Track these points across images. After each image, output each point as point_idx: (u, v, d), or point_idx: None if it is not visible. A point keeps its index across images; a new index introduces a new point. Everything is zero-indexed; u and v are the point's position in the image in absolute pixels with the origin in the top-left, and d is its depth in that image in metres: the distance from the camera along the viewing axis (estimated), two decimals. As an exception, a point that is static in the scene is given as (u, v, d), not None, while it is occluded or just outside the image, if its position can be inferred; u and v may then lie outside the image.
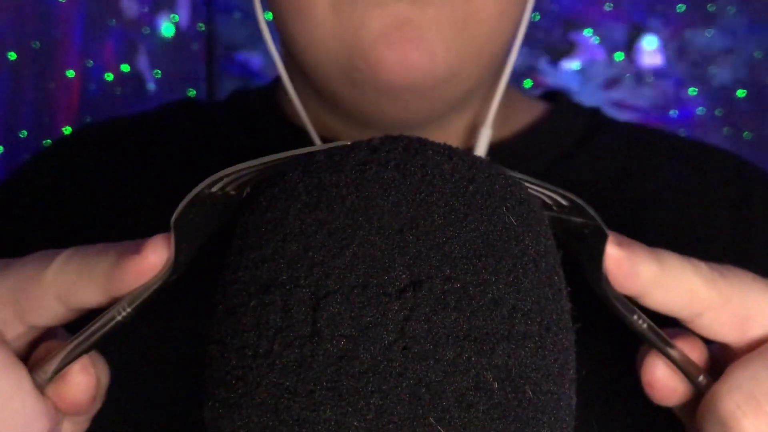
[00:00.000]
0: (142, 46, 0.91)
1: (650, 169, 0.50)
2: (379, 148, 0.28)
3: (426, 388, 0.25)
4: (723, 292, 0.31)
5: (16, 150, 0.88)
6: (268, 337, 0.25)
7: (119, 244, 0.30)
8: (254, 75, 0.94)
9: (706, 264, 0.31)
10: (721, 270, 0.31)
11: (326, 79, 0.44)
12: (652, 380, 0.31)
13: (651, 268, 0.30)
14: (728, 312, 0.31)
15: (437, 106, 0.44)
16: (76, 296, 0.30)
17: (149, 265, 0.28)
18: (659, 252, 0.31)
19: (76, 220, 0.49)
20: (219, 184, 0.30)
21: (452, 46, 0.41)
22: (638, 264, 0.30)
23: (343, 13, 0.40)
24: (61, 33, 0.88)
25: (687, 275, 0.30)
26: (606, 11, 0.92)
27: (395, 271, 0.25)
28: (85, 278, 0.29)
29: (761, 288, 0.31)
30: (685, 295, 0.30)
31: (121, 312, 0.29)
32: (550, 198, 0.31)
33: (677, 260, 0.31)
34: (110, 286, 0.29)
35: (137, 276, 0.29)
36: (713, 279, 0.31)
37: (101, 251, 0.30)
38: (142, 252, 0.28)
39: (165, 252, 0.29)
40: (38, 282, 0.30)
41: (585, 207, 0.30)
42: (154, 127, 0.54)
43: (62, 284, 0.30)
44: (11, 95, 0.87)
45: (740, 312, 0.31)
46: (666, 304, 0.31)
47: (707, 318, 0.31)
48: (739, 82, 0.91)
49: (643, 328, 0.30)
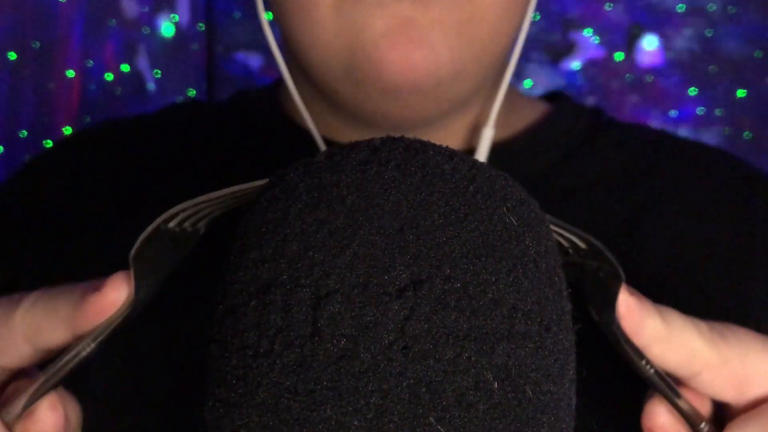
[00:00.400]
0: (142, 46, 0.91)
1: (651, 170, 0.50)
2: (380, 148, 0.28)
3: (426, 388, 0.25)
4: (722, 352, 0.31)
5: (16, 150, 0.88)
6: (268, 336, 0.25)
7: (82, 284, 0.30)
8: (254, 75, 0.94)
9: (707, 324, 0.31)
10: (722, 330, 0.32)
11: (328, 79, 0.44)
12: (654, 427, 0.31)
13: (656, 323, 0.30)
14: (727, 372, 0.31)
15: (439, 106, 0.44)
16: (44, 336, 0.30)
17: (110, 302, 0.29)
18: (664, 309, 0.31)
19: (78, 222, 0.49)
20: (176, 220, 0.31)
21: (455, 46, 0.41)
22: (645, 317, 0.30)
23: (346, 12, 0.40)
24: (61, 33, 0.88)
25: (688, 334, 0.31)
26: (606, 11, 0.92)
27: (395, 270, 0.26)
28: (51, 318, 0.30)
29: (761, 349, 0.32)
30: (685, 353, 0.31)
31: (86, 348, 0.29)
32: (567, 240, 0.31)
33: (680, 319, 0.31)
34: (75, 324, 0.30)
35: (99, 313, 0.29)
36: (713, 339, 0.31)
37: (65, 291, 0.30)
38: (103, 290, 0.29)
39: (125, 289, 0.29)
40: (7, 325, 0.31)
41: (603, 250, 0.30)
42: (155, 128, 0.54)
43: (30, 325, 0.30)
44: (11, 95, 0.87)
45: (739, 372, 0.31)
46: (666, 360, 0.31)
47: (706, 377, 0.31)
48: (739, 82, 0.91)
49: (651, 373, 0.31)
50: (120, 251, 0.47)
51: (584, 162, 0.50)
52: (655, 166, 0.50)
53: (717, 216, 0.48)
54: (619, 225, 0.47)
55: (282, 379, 0.25)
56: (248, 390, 0.26)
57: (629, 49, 0.92)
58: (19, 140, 0.88)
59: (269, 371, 0.25)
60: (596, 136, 0.51)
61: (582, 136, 0.51)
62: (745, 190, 0.49)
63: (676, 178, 0.50)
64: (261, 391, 0.25)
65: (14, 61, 0.87)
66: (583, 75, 0.92)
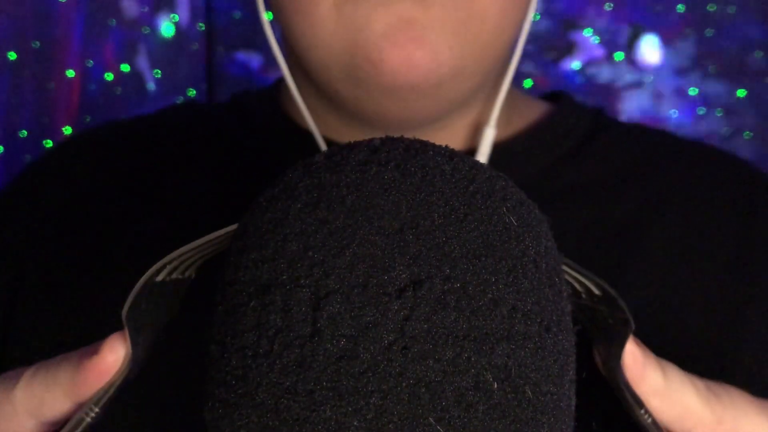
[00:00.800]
0: (142, 46, 0.91)
1: (653, 170, 0.50)
2: (380, 148, 0.28)
3: (426, 388, 0.25)
4: (716, 412, 0.31)
5: (16, 150, 0.88)
6: (268, 337, 0.25)
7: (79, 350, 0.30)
8: (254, 75, 0.94)
9: (704, 382, 0.32)
10: (717, 390, 0.32)
11: (329, 78, 0.44)
12: None
13: (657, 377, 0.31)
14: None
15: (440, 106, 0.44)
16: (46, 408, 0.30)
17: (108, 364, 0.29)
18: (665, 363, 0.32)
19: (80, 225, 0.49)
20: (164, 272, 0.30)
21: (456, 45, 0.41)
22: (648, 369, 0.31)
23: (346, 12, 0.40)
24: (61, 33, 0.88)
25: (686, 391, 0.31)
26: (606, 11, 0.92)
27: (395, 270, 0.26)
28: (52, 389, 0.30)
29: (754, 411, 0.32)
30: (680, 409, 0.31)
31: (89, 413, 0.29)
32: (581, 285, 0.31)
33: (679, 375, 0.32)
34: (75, 392, 0.30)
35: (98, 377, 0.29)
36: (708, 398, 0.32)
37: (62, 359, 0.30)
38: (100, 353, 0.29)
39: (122, 349, 0.29)
40: (9, 401, 0.31)
41: (617, 298, 0.30)
42: (156, 129, 0.54)
43: (31, 399, 0.30)
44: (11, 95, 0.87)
45: None
46: (662, 414, 0.31)
47: None
48: (739, 82, 0.91)
49: (648, 422, 0.31)
50: (121, 253, 0.47)
51: (585, 162, 0.50)
52: (656, 166, 0.50)
53: (718, 216, 0.48)
54: (620, 225, 0.47)
55: (282, 379, 0.25)
56: (248, 390, 0.26)
57: (629, 49, 0.92)
58: (19, 140, 0.88)
59: (269, 371, 0.25)
60: (597, 136, 0.51)
61: (583, 136, 0.51)
62: (746, 190, 0.49)
63: (677, 179, 0.50)
64: (261, 391, 0.25)
65: (14, 61, 0.86)
66: (583, 75, 0.92)
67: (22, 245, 0.49)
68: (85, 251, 0.48)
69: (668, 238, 0.47)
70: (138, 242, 0.48)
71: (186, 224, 0.47)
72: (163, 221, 0.48)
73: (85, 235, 0.49)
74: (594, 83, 0.93)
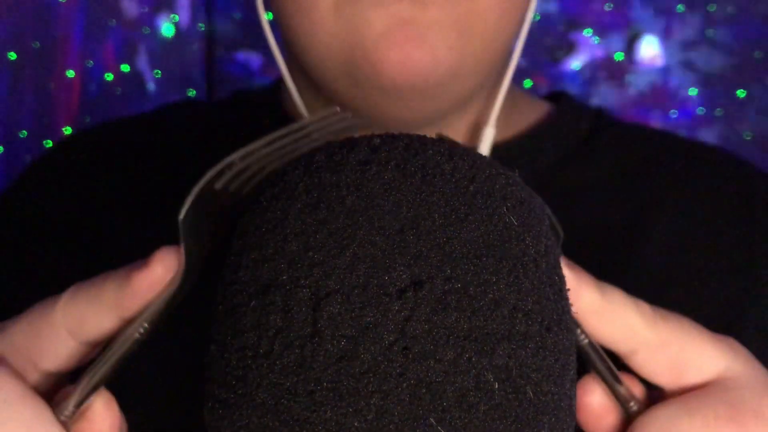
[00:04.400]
0: (142, 46, 0.91)
1: (653, 170, 0.50)
2: (380, 147, 0.28)
3: (426, 389, 0.25)
4: (661, 334, 0.31)
5: (16, 150, 0.88)
6: (268, 337, 0.25)
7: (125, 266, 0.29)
8: (254, 75, 0.94)
9: (651, 306, 0.32)
10: (664, 314, 0.32)
11: (328, 78, 0.44)
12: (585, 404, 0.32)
13: (592, 296, 0.31)
14: (664, 355, 0.32)
15: (439, 106, 0.44)
16: (89, 326, 0.29)
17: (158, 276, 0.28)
18: (605, 285, 0.31)
19: (80, 224, 0.49)
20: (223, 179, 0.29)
21: (454, 45, 0.41)
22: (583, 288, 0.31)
23: (345, 12, 0.40)
24: (61, 33, 0.88)
25: (627, 311, 0.31)
26: (606, 11, 0.92)
27: (396, 271, 0.25)
28: (95, 305, 0.29)
29: (701, 338, 0.32)
30: (622, 329, 0.31)
31: (139, 329, 0.29)
32: None
33: (620, 295, 0.31)
34: (123, 306, 0.29)
35: (148, 289, 0.28)
36: (654, 319, 0.31)
37: (107, 276, 0.29)
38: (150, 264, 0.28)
39: (173, 260, 0.28)
40: (49, 322, 0.29)
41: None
42: (154, 128, 0.54)
43: (73, 318, 0.29)
44: (11, 95, 0.87)
45: (676, 358, 0.32)
46: (603, 334, 0.31)
47: (642, 357, 0.32)
48: (739, 82, 0.91)
49: (584, 343, 0.31)
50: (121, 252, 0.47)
51: (586, 162, 0.49)
52: (657, 166, 0.50)
53: (719, 216, 0.48)
54: (621, 225, 0.47)
55: (282, 379, 0.25)
56: (248, 391, 0.25)
57: (629, 49, 0.92)
58: (19, 140, 0.88)
59: (269, 372, 0.25)
60: (598, 136, 0.51)
61: (584, 136, 0.51)
62: (747, 190, 0.49)
63: (678, 179, 0.50)
64: (261, 391, 0.25)
65: (14, 61, 0.86)
66: (583, 75, 0.92)
67: (22, 244, 0.49)
68: (85, 250, 0.48)
69: (669, 239, 0.47)
70: (137, 241, 0.48)
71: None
72: (163, 219, 0.48)
73: (85, 233, 0.49)
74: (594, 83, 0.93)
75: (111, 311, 0.29)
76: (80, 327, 0.29)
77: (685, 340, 0.32)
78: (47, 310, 0.30)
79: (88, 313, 0.29)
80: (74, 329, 0.29)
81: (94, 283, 0.29)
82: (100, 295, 0.29)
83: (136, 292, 0.28)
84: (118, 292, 0.29)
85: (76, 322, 0.29)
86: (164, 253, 0.28)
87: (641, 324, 0.31)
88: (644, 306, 0.32)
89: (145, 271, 0.28)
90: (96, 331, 0.29)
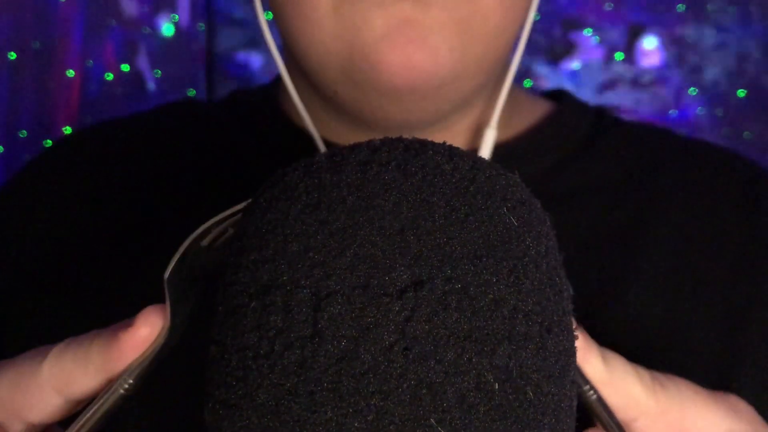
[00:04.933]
0: (142, 46, 0.91)
1: (656, 170, 0.50)
2: (380, 148, 0.28)
3: (427, 389, 0.25)
4: (661, 402, 0.31)
5: (16, 150, 0.88)
6: (268, 338, 0.25)
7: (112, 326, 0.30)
8: (254, 75, 0.94)
9: (649, 372, 0.32)
10: (663, 381, 0.32)
11: (328, 80, 0.43)
12: None
13: (598, 365, 0.31)
14: (664, 422, 0.32)
15: (440, 107, 0.44)
16: (75, 384, 0.29)
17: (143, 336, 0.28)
18: (607, 352, 0.32)
19: (79, 222, 0.49)
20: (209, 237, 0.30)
21: (455, 46, 0.41)
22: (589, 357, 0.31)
23: (345, 13, 0.40)
24: (61, 33, 0.88)
25: (628, 380, 0.31)
26: (606, 11, 0.92)
27: (396, 271, 0.25)
28: (82, 364, 0.29)
29: (700, 403, 0.32)
30: (623, 398, 0.31)
31: (124, 384, 0.29)
32: None
33: (622, 364, 0.31)
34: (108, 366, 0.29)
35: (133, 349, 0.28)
36: (653, 388, 0.32)
37: (93, 335, 0.30)
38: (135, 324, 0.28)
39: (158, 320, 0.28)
40: (35, 378, 0.30)
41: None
42: (152, 127, 0.54)
43: (59, 375, 0.29)
44: (11, 95, 0.87)
45: (677, 424, 0.32)
46: None
47: (643, 424, 0.32)
48: (739, 82, 0.91)
49: (593, 399, 0.31)
50: (118, 250, 0.47)
51: (588, 162, 0.49)
52: (660, 165, 0.50)
53: (721, 215, 0.48)
54: (624, 226, 0.47)
55: (282, 380, 0.25)
56: (248, 391, 0.25)
57: (629, 49, 0.92)
58: (19, 140, 0.88)
59: (269, 372, 0.25)
60: (599, 136, 0.51)
61: (586, 135, 0.50)
62: (752, 190, 0.49)
63: (682, 178, 0.49)
64: (261, 392, 0.25)
65: (14, 61, 0.86)
66: (583, 75, 0.92)
67: (20, 243, 0.49)
68: (83, 248, 0.48)
69: (671, 238, 0.47)
70: (134, 239, 0.48)
71: (182, 222, 0.47)
72: (159, 219, 0.48)
73: (83, 232, 0.49)
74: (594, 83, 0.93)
75: (97, 371, 0.29)
76: (66, 386, 0.30)
77: (686, 406, 0.32)
78: (34, 366, 0.30)
79: (74, 374, 0.29)
80: (60, 388, 0.30)
81: (81, 342, 0.30)
82: (87, 356, 0.29)
83: (122, 353, 0.29)
84: (105, 354, 0.29)
85: (63, 381, 0.29)
86: (149, 312, 0.29)
87: (642, 393, 0.31)
88: (644, 374, 0.32)
89: (130, 332, 0.28)
90: (82, 390, 0.30)
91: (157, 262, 0.32)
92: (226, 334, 0.27)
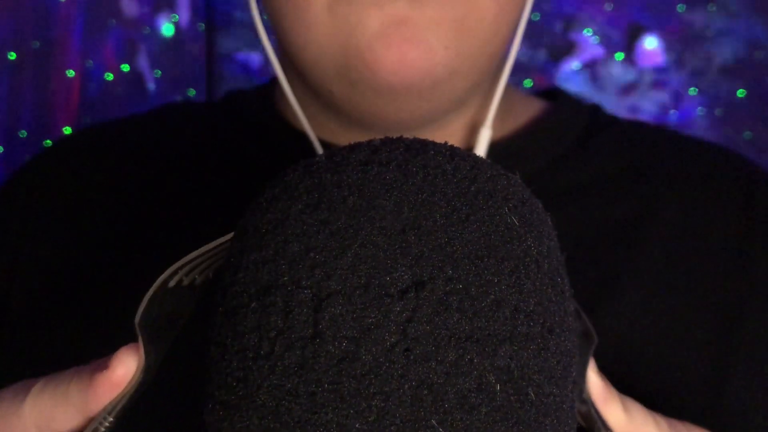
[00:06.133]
0: (142, 46, 0.91)
1: (652, 167, 0.50)
2: (381, 148, 0.28)
3: (428, 390, 0.25)
4: None
5: (16, 150, 0.88)
6: (269, 338, 0.25)
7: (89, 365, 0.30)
8: (254, 75, 0.94)
9: (666, 420, 0.32)
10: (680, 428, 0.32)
11: (323, 79, 0.43)
12: None
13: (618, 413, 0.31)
14: None
15: (436, 106, 0.44)
16: (56, 423, 0.30)
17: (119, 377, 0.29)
18: (627, 400, 0.32)
19: (75, 223, 0.49)
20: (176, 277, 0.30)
21: (451, 45, 0.41)
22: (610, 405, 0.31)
23: (340, 13, 0.40)
24: (61, 33, 0.88)
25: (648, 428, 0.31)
26: (606, 11, 0.92)
27: (397, 271, 0.25)
28: (62, 403, 0.30)
29: None
30: None
31: (104, 423, 0.29)
32: None
33: (642, 412, 0.32)
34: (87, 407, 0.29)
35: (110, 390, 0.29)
36: None
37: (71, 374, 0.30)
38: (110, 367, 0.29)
39: (132, 361, 0.29)
40: (17, 416, 0.30)
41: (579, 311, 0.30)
42: (150, 128, 0.54)
43: (41, 414, 0.30)
44: (11, 95, 0.87)
45: None
46: None
47: None
48: (739, 82, 0.91)
49: None
50: (115, 251, 0.47)
51: (582, 161, 0.49)
52: (656, 163, 0.50)
53: (717, 214, 0.48)
54: (619, 224, 0.47)
55: (283, 381, 0.25)
56: (248, 392, 0.25)
57: (629, 49, 0.92)
58: (19, 140, 0.88)
59: (270, 373, 0.25)
60: (594, 134, 0.51)
61: (581, 133, 0.50)
62: (747, 188, 0.49)
63: (677, 176, 0.49)
64: (261, 393, 0.25)
65: (14, 61, 0.86)
66: (583, 75, 0.92)
67: (17, 243, 0.49)
68: (80, 249, 0.48)
69: (667, 236, 0.47)
70: (131, 241, 0.48)
71: (178, 224, 0.47)
72: (155, 220, 0.48)
73: (81, 232, 0.49)
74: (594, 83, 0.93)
75: (76, 410, 0.30)
76: (48, 424, 0.30)
77: None
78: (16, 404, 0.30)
79: (55, 412, 0.30)
80: (42, 426, 0.30)
81: (60, 381, 0.30)
82: (66, 396, 0.30)
83: (98, 395, 0.29)
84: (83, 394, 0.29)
85: (44, 419, 0.30)
86: (123, 353, 0.29)
87: None
88: (662, 422, 0.32)
89: (105, 374, 0.29)
90: (65, 427, 0.30)
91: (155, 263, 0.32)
92: (226, 334, 0.26)
